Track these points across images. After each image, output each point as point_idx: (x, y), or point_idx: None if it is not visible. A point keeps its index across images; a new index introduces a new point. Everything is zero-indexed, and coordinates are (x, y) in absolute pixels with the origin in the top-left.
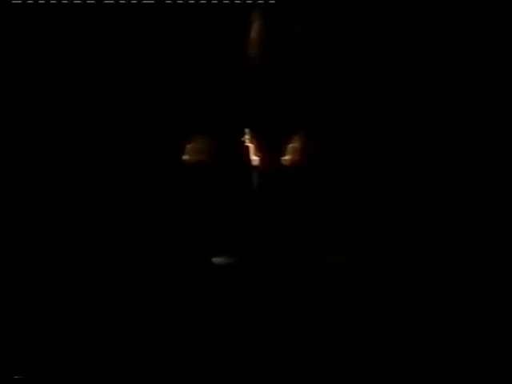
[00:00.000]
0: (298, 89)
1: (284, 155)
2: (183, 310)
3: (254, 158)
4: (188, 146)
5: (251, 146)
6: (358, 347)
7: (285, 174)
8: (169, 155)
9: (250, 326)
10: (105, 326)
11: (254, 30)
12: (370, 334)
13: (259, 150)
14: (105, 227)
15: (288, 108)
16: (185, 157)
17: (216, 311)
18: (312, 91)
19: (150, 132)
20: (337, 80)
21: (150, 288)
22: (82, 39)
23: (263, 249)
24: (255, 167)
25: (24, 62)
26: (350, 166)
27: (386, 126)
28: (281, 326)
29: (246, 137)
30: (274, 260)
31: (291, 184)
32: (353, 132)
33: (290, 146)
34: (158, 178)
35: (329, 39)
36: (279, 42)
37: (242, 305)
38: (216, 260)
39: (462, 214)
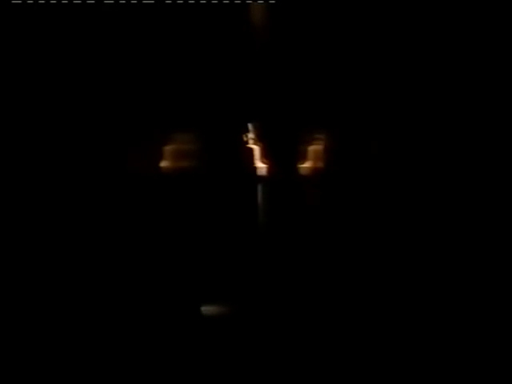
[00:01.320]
0: (317, 75)
1: (302, 161)
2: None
3: (260, 166)
4: (168, 148)
5: (256, 149)
6: None
7: (303, 187)
8: (145, 161)
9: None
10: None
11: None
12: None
13: (267, 154)
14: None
15: (305, 97)
16: (164, 163)
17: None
18: (335, 81)
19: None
20: (363, 71)
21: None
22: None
23: (271, 296)
24: (261, 178)
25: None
26: (389, 177)
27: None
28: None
29: (250, 135)
30: (287, 310)
31: (312, 202)
32: (395, 131)
33: (311, 148)
34: (129, 189)
35: (349, 32)
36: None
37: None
38: (206, 310)
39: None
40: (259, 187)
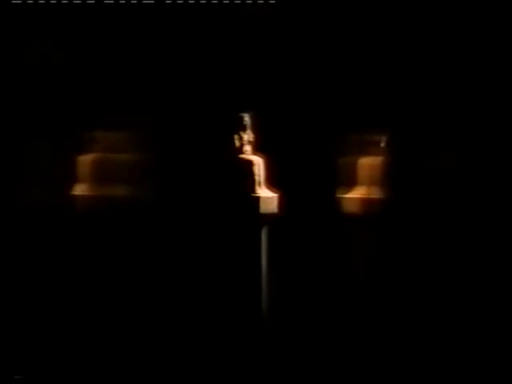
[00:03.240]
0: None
1: (343, 187)
2: None
3: (265, 195)
4: (85, 158)
5: (257, 163)
6: None
7: (344, 235)
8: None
9: None
10: None
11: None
12: None
13: (277, 174)
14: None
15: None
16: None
17: None
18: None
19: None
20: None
21: None
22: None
23: None
24: (267, 217)
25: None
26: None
27: None
28: None
29: (245, 136)
30: None
31: (359, 262)
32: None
33: (362, 162)
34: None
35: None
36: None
37: None
38: None
39: None
40: (263, 234)
